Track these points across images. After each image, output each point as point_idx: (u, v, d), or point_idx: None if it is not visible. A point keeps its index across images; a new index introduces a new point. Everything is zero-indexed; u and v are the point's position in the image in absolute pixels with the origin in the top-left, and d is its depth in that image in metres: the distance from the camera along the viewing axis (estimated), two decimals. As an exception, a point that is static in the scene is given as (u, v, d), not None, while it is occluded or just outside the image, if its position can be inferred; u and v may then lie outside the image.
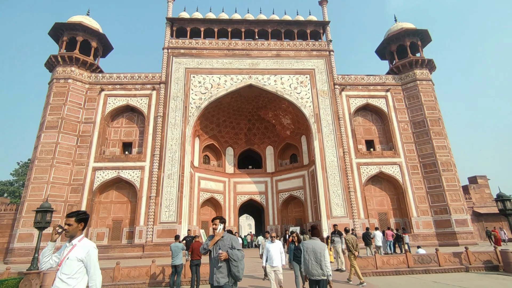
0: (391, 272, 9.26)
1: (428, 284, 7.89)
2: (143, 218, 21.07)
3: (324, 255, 4.89)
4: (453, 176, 22.91)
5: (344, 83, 26.10)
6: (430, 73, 26.86)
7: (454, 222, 21.39)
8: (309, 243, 5.02)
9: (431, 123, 24.40)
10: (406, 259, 9.45)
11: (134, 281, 8.74)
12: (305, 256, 4.97)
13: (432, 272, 9.30)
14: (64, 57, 23.88)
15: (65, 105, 22.90)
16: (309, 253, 4.91)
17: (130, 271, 8.93)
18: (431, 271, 9.29)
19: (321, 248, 4.87)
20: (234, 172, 28.68)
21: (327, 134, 24.01)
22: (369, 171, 23.57)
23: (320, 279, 4.70)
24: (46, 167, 21.08)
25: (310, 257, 4.87)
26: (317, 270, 4.74)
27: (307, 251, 4.95)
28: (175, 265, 8.33)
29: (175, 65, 25.38)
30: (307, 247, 4.97)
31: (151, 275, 8.91)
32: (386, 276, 9.17)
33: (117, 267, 8.76)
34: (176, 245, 8.44)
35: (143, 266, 9.21)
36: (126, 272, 8.88)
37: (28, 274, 7.72)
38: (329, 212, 21.70)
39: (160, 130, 23.14)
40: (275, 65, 26.03)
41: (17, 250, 19.11)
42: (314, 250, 4.84)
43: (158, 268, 9.11)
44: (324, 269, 4.76)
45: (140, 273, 8.94)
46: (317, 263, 4.78)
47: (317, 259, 4.80)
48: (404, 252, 15.65)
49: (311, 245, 4.95)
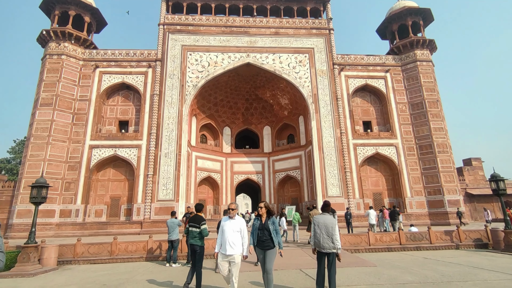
0: (384, 249, 9.52)
1: (418, 260, 8.11)
2: (141, 196, 21.27)
3: (335, 230, 5.04)
4: (448, 158, 23.13)
5: (343, 63, 25.70)
6: (430, 54, 26.46)
7: (447, 203, 21.82)
8: (320, 218, 5.11)
9: (429, 104, 24.32)
10: (399, 236, 9.68)
11: (132, 255, 8.92)
12: (316, 230, 5.09)
13: (423, 249, 9.55)
14: (57, 32, 23.18)
15: (59, 82, 22.47)
16: (320, 227, 5.03)
17: (128, 245, 9.09)
18: (422, 248, 9.54)
19: (332, 223, 5.01)
20: (231, 151, 28.74)
21: (324, 115, 23.91)
22: (365, 152, 23.71)
23: (330, 252, 4.90)
24: (42, 145, 20.97)
25: (322, 231, 5.01)
26: (328, 243, 4.91)
27: (319, 225, 5.07)
28: (172, 240, 8.48)
29: (171, 42, 24.76)
30: (318, 222, 5.07)
31: (148, 250, 9.09)
32: (379, 252, 9.43)
33: (114, 241, 8.92)
34: (173, 221, 8.56)
35: (140, 241, 9.39)
36: (124, 247, 9.05)
37: (26, 248, 7.82)
38: (325, 192, 21.99)
39: (156, 108, 22.90)
40: (274, 43, 25.46)
41: (16, 226, 19.36)
42: (325, 225, 4.97)
43: (155, 243, 9.28)
44: (335, 242, 4.93)
45: (137, 248, 9.11)
46: (329, 237, 4.93)
47: (329, 233, 4.96)
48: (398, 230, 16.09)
49: (323, 219, 5.05)
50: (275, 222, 5.14)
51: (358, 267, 7.36)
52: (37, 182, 8.68)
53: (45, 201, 9.29)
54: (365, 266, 7.37)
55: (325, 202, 5.41)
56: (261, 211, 5.19)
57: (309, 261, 8.12)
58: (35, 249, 7.81)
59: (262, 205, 5.22)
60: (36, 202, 8.74)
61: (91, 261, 8.41)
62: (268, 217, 5.17)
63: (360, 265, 7.54)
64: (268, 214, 5.21)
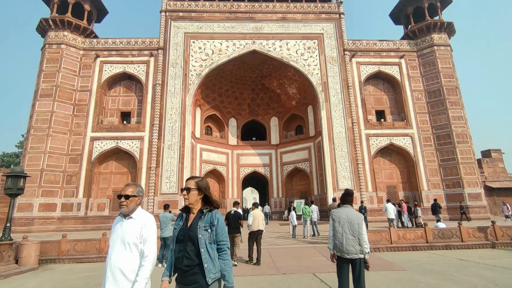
0: (408, 247, 8.35)
1: (453, 262, 6.88)
2: (144, 189, 20.43)
3: (362, 227, 3.81)
4: (468, 149, 21.65)
5: (354, 48, 24.26)
6: (448, 38, 24.78)
7: (467, 196, 20.43)
8: (341, 212, 3.91)
9: (447, 92, 22.78)
10: (425, 233, 8.50)
11: (122, 253, 8.03)
12: (336, 229, 3.88)
13: (453, 248, 8.34)
14: (56, 21, 22.39)
15: (59, 72, 21.73)
16: (342, 225, 3.83)
17: (118, 242, 8.20)
18: (452, 246, 8.34)
19: (358, 219, 3.83)
20: (238, 143, 27.75)
21: (335, 104, 22.64)
22: (378, 142, 22.40)
23: (357, 257, 3.68)
24: (42, 137, 20.34)
25: (345, 229, 3.80)
26: (354, 246, 3.70)
27: (340, 222, 3.86)
28: (164, 237, 7.54)
29: (174, 30, 23.72)
30: (339, 217, 3.88)
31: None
32: (402, 252, 8.24)
33: (103, 238, 8.04)
34: (165, 215, 7.57)
35: (132, 237, 8.48)
36: (114, 244, 8.16)
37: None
38: (336, 185, 20.86)
39: (159, 98, 21.99)
40: (281, 29, 24.17)
41: (17, 220, 18.85)
42: (349, 221, 3.80)
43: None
44: (362, 244, 3.73)
45: (129, 244, 8.22)
46: (354, 237, 3.74)
47: (354, 231, 3.76)
48: (416, 225, 14.90)
49: (345, 214, 3.87)
50: (218, 223, 2.36)
51: (384, 271, 6.19)
52: (13, 171, 7.77)
53: (22, 192, 8.40)
54: (392, 270, 6.19)
55: (347, 191, 4.05)
56: (187, 196, 2.39)
57: (323, 262, 7.08)
58: (9, 246, 6.96)
59: (191, 184, 2.42)
60: (11, 194, 7.84)
61: (77, 260, 7.56)
62: (202, 213, 2.40)
63: (386, 268, 6.37)
64: (206, 203, 2.44)
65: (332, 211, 4.02)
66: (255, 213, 7.70)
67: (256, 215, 7.65)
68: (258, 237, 7.54)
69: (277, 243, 10.29)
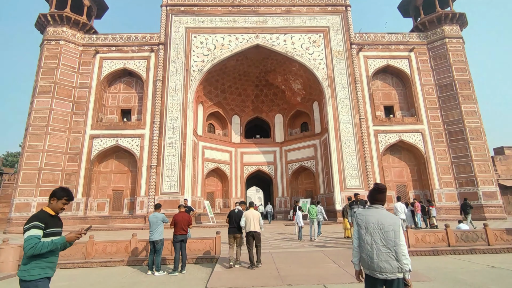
0: (428, 251, 7.45)
1: (485, 270, 5.94)
2: (144, 188, 19.92)
3: (400, 236, 2.71)
4: (482, 145, 20.64)
5: (362, 42, 23.35)
6: (460, 29, 23.72)
7: (481, 195, 19.45)
8: (370, 215, 2.81)
9: (460, 86, 21.76)
10: (447, 235, 7.62)
11: (111, 258, 7.29)
12: (363, 238, 2.78)
13: (479, 252, 7.45)
14: (54, 16, 21.88)
15: (58, 69, 21.22)
16: (372, 232, 2.74)
17: (107, 246, 7.46)
18: (478, 251, 7.46)
19: (394, 224, 2.72)
20: (241, 141, 27.01)
21: (342, 99, 21.78)
22: (387, 139, 21.49)
23: (394, 277, 2.62)
24: (41, 135, 19.85)
25: (375, 238, 2.71)
26: (389, 262, 2.63)
27: (368, 228, 2.76)
28: (153, 241, 6.67)
29: (175, 24, 23.05)
30: (367, 222, 2.79)
31: (132, 251, 7.46)
32: (422, 256, 7.35)
33: (90, 241, 7.34)
34: (155, 216, 6.79)
35: (122, 240, 7.74)
36: (102, 248, 7.43)
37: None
38: (343, 184, 20.02)
39: (160, 95, 21.36)
40: (285, 22, 23.35)
41: (15, 220, 18.37)
42: (382, 227, 2.71)
43: (140, 243, 7.65)
44: (401, 259, 2.63)
45: (118, 248, 7.48)
46: (388, 249, 2.65)
47: (389, 242, 2.67)
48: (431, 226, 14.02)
49: (375, 217, 2.77)
50: None
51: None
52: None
53: None
54: (417, 281, 5.18)
55: (377, 187, 2.94)
56: None
57: (335, 270, 6.21)
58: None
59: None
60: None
61: (60, 266, 6.87)
62: None
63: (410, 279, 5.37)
64: None
65: (357, 213, 2.96)
66: (247, 214, 7.08)
67: (248, 215, 7.02)
68: (255, 238, 6.93)
69: (282, 246, 9.52)
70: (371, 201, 2.95)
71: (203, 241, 7.79)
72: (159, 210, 7.09)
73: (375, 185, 2.96)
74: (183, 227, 6.61)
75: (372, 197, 2.95)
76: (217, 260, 7.40)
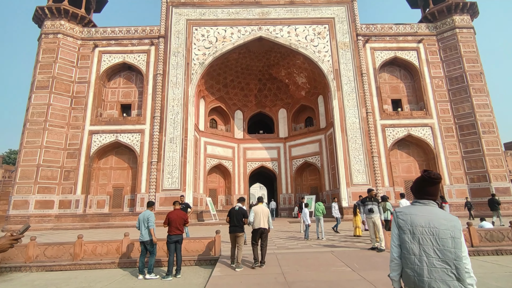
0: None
1: None
2: (145, 185, 19.41)
3: (462, 245, 1.90)
4: (495, 139, 19.83)
5: (368, 33, 22.53)
6: (471, 19, 22.80)
7: (494, 191, 18.64)
8: (417, 214, 2.02)
9: (471, 78, 20.91)
10: (469, 235, 6.95)
11: (101, 260, 6.76)
12: (407, 246, 1.99)
13: (506, 253, 6.68)
14: (52, 9, 21.34)
15: (56, 63, 20.72)
16: (420, 239, 1.95)
17: (96, 246, 6.91)
18: (505, 251, 6.72)
19: (453, 227, 1.92)
20: (244, 137, 26.39)
21: (348, 92, 21.04)
22: (395, 133, 20.75)
23: None
24: (39, 131, 19.39)
25: (425, 247, 1.92)
26: (446, 282, 1.83)
27: (415, 233, 1.97)
28: (143, 241, 6.14)
29: (175, 17, 22.40)
30: (413, 223, 2.00)
31: (123, 252, 6.90)
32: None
33: (78, 241, 6.78)
34: (146, 215, 6.23)
35: (113, 241, 7.17)
36: (91, 248, 6.88)
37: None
38: (349, 179, 19.35)
39: (160, 89, 20.77)
40: (289, 14, 22.60)
41: (13, 218, 17.98)
42: (434, 232, 1.93)
43: (132, 243, 7.10)
44: (464, 277, 1.84)
45: (109, 249, 6.93)
46: (446, 264, 1.86)
47: (445, 253, 1.87)
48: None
49: (426, 218, 1.98)
50: None
51: None
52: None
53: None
54: None
55: (429, 176, 2.07)
56: None
57: (348, 275, 5.46)
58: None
59: None
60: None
61: (46, 268, 6.35)
62: None
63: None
64: None
65: (398, 212, 2.11)
66: (256, 209, 6.51)
67: (257, 211, 6.45)
68: (262, 235, 6.42)
69: (287, 246, 8.90)
70: (418, 196, 2.13)
71: (201, 241, 7.21)
72: (151, 209, 6.51)
73: (426, 173, 2.09)
74: (178, 226, 6.00)
75: (420, 189, 2.10)
76: (217, 261, 6.81)
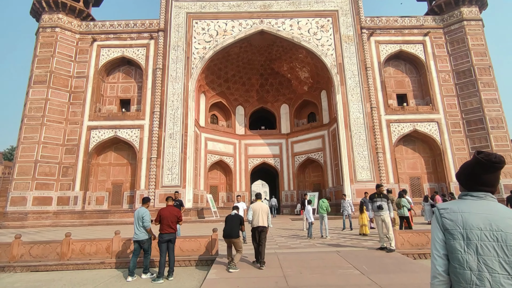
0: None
1: None
2: (144, 182, 19.05)
3: None
4: (504, 135, 19.24)
5: (373, 26, 21.93)
6: (480, 11, 22.12)
7: (502, 188, 18.13)
8: (471, 212, 1.41)
9: (479, 72, 20.28)
10: None
11: (90, 260, 6.36)
12: (459, 256, 1.35)
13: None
14: (49, 2, 20.93)
15: (54, 57, 20.34)
16: (479, 245, 1.32)
17: (85, 245, 6.50)
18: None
19: None
20: (245, 133, 25.94)
21: (352, 87, 20.50)
22: (400, 129, 20.21)
23: None
24: (36, 126, 19.06)
25: (486, 259, 1.29)
26: None
27: (469, 237, 1.34)
28: (138, 240, 5.76)
29: (175, 10, 21.92)
30: (466, 223, 1.38)
31: (114, 252, 6.49)
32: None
33: (66, 240, 6.37)
34: (142, 212, 5.80)
35: (102, 239, 6.77)
36: (79, 247, 6.48)
37: None
38: (353, 176, 18.87)
39: (159, 84, 20.35)
40: (291, 6, 22.03)
41: (10, 214, 17.71)
42: (500, 236, 1.32)
43: (123, 242, 6.70)
44: None
45: (98, 249, 6.52)
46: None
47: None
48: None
49: (484, 217, 1.37)
50: None
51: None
52: None
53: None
54: None
55: (489, 159, 1.44)
56: None
57: (357, 279, 4.97)
58: None
59: None
60: None
61: (31, 268, 5.97)
62: None
63: None
64: None
65: (441, 209, 1.51)
66: (255, 206, 6.14)
67: (256, 208, 6.06)
68: (261, 234, 6.01)
69: (289, 245, 8.46)
70: (468, 186, 1.52)
71: (197, 239, 6.78)
72: (146, 205, 6.08)
73: (483, 156, 1.47)
74: (170, 224, 5.56)
75: (473, 177, 1.51)
76: (213, 262, 6.38)
